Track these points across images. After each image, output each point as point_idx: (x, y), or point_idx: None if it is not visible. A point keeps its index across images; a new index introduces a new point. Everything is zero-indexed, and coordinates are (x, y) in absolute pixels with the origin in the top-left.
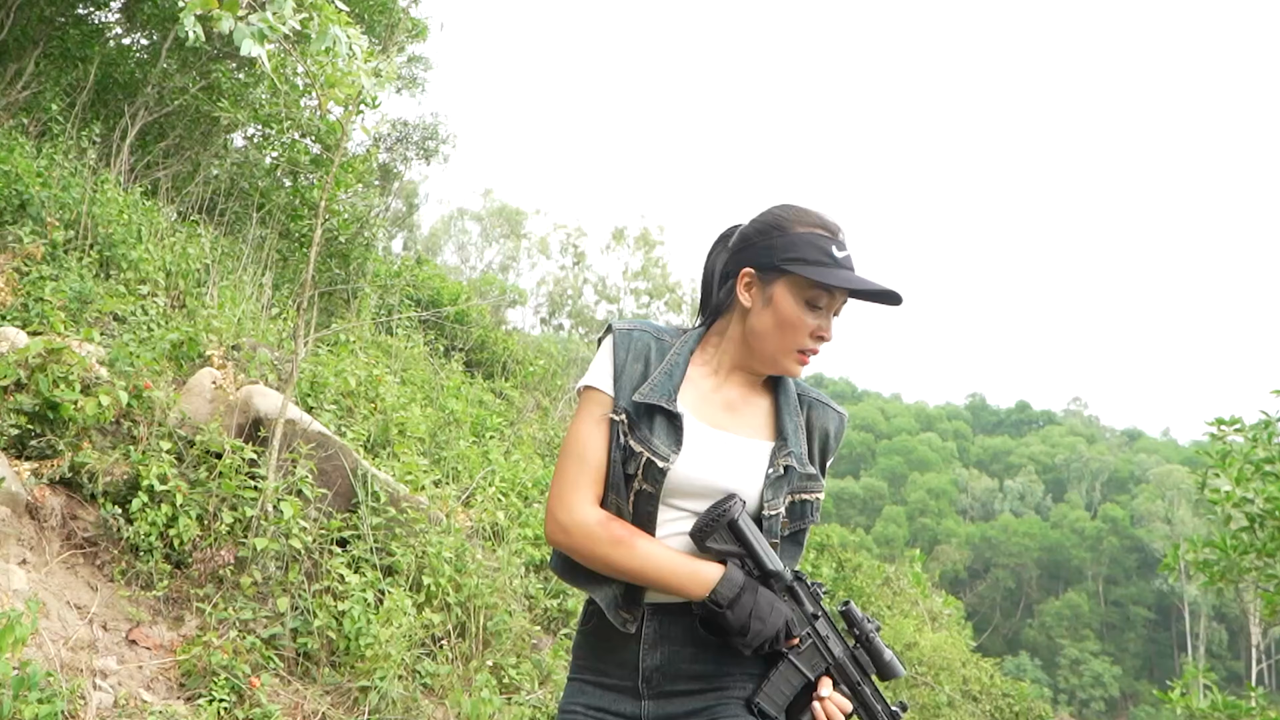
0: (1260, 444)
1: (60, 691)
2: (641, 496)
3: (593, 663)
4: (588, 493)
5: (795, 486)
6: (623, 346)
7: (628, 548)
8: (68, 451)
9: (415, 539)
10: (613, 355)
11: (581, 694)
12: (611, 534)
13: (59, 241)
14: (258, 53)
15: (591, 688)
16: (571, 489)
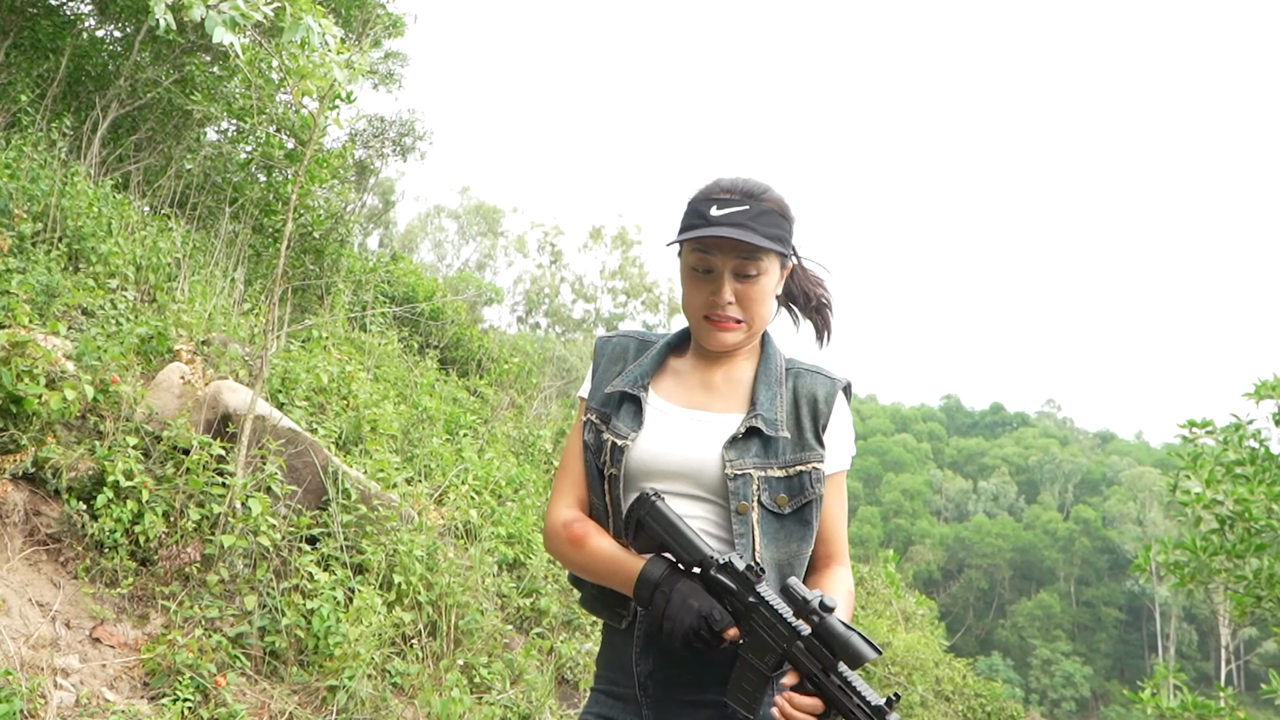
0: (1231, 446)
1: (19, 690)
2: (613, 483)
3: (604, 670)
4: (566, 497)
5: (787, 460)
6: (601, 353)
7: (579, 547)
8: (31, 446)
9: (386, 537)
10: (593, 363)
11: (596, 704)
12: (571, 534)
13: (26, 234)
14: (229, 40)
15: (604, 696)
16: (554, 495)
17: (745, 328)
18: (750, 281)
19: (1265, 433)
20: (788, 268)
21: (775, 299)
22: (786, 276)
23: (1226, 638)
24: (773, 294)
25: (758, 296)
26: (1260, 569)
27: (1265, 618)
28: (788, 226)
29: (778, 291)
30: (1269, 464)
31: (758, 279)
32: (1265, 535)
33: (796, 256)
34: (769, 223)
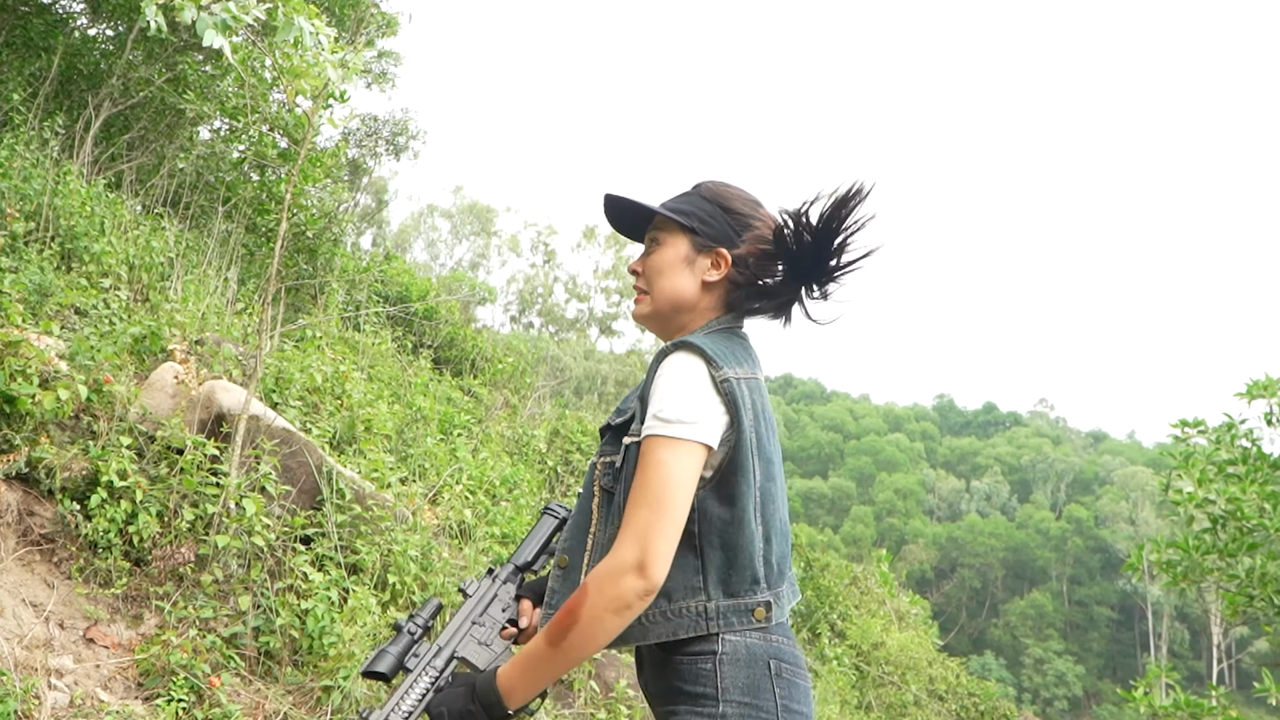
0: (1223, 446)
1: (13, 691)
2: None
3: None
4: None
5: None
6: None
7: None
8: (25, 446)
9: (380, 537)
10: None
11: None
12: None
13: (19, 233)
14: (220, 43)
15: None
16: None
17: (649, 301)
18: (652, 252)
19: (1257, 432)
20: (717, 254)
21: (689, 280)
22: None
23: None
24: (678, 269)
25: (656, 266)
26: (1252, 568)
27: (1257, 616)
28: (714, 212)
29: (709, 278)
30: (1261, 463)
31: (658, 249)
32: (1257, 534)
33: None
34: (684, 200)
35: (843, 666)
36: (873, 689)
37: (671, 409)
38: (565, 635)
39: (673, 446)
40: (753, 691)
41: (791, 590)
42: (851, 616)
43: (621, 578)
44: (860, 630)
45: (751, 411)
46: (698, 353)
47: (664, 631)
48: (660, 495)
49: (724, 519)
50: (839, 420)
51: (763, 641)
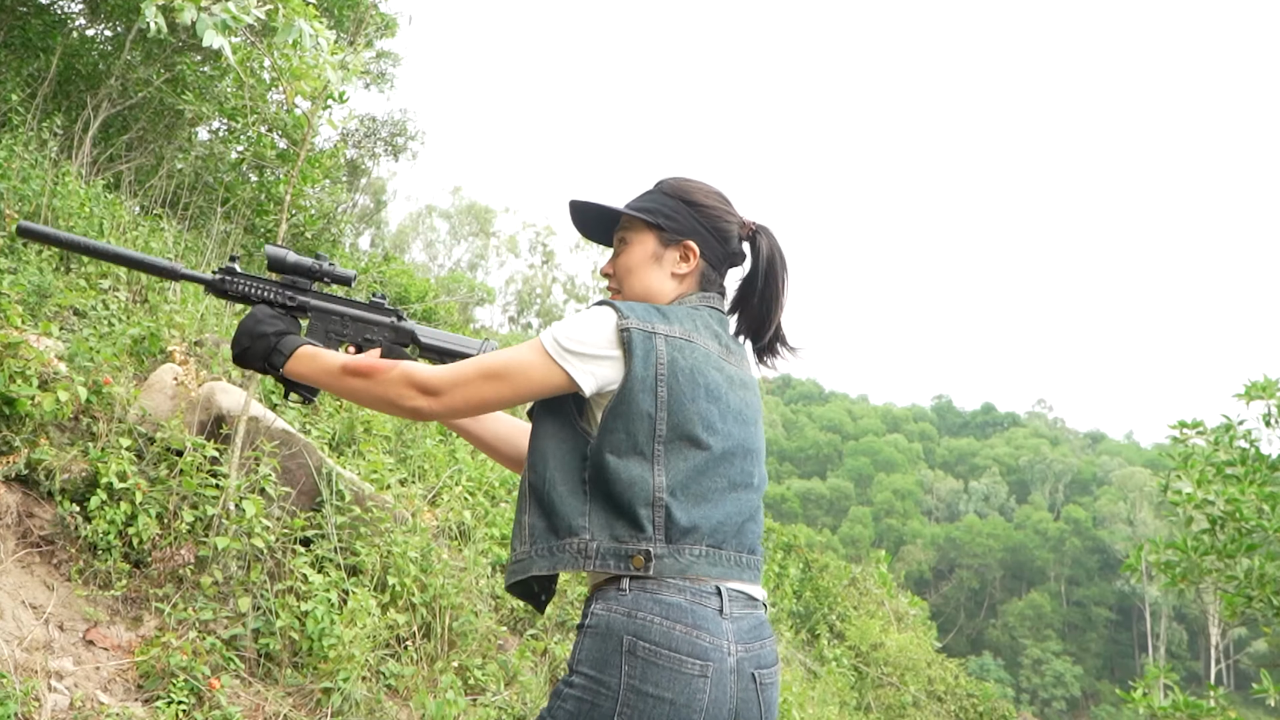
0: (1222, 447)
1: (14, 694)
2: None
3: None
4: None
5: None
6: None
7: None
8: (24, 448)
9: (380, 538)
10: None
11: None
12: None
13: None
14: (220, 44)
15: None
16: None
17: (621, 299)
18: (621, 252)
19: (1256, 433)
20: (684, 247)
21: (659, 275)
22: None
23: (1216, 637)
24: (648, 266)
25: (625, 264)
26: (1251, 569)
27: (1256, 617)
28: (677, 206)
29: (679, 270)
30: (1259, 464)
31: (625, 249)
32: (1256, 535)
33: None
34: (647, 199)
35: (841, 668)
36: (871, 690)
37: (562, 332)
38: (355, 378)
39: (539, 352)
40: (599, 665)
41: (730, 562)
42: (850, 617)
43: (420, 384)
44: (859, 631)
45: (666, 366)
46: (611, 305)
47: (546, 565)
48: (495, 367)
49: (610, 463)
50: (837, 421)
51: (626, 618)
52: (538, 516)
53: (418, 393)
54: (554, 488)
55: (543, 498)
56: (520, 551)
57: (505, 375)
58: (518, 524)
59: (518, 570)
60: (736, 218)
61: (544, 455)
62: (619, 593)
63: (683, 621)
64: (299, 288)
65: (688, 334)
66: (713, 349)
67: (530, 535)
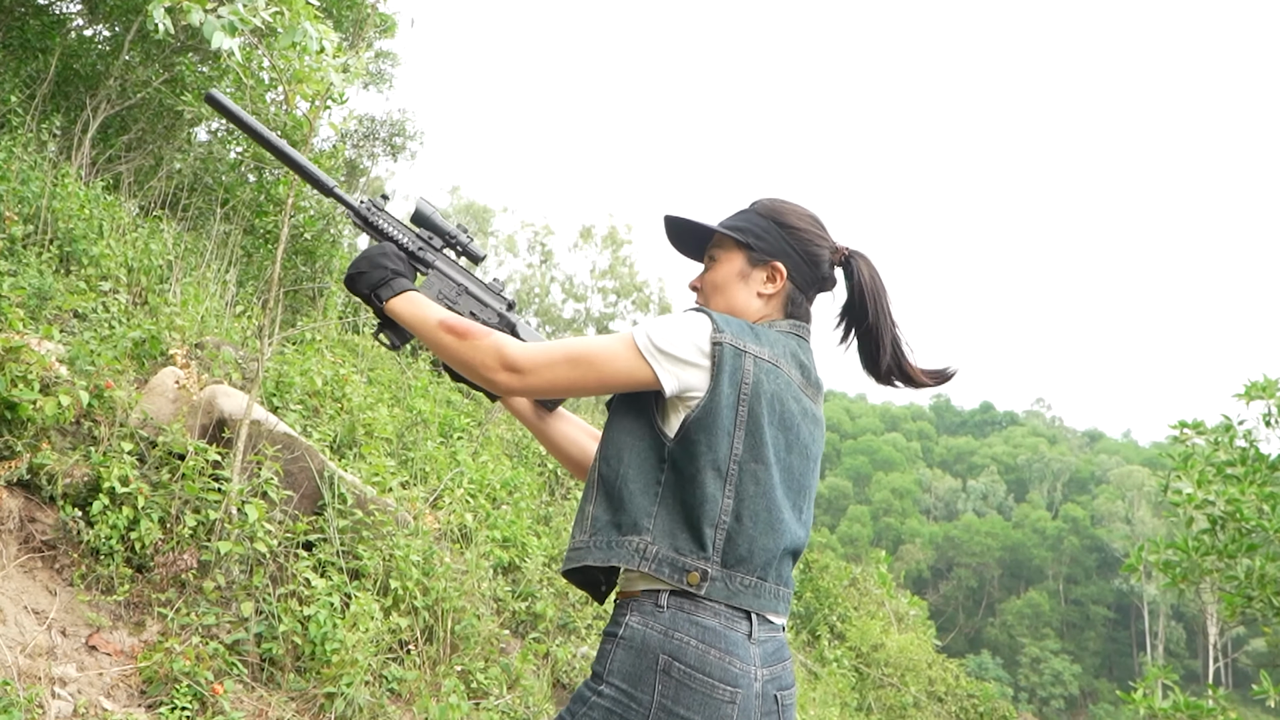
0: (1222, 447)
1: (18, 701)
2: None
3: None
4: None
5: None
6: None
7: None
8: (26, 453)
9: (382, 542)
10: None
11: None
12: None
13: (17, 236)
14: (228, 46)
15: None
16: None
17: None
18: (709, 269)
19: (1256, 433)
20: (771, 268)
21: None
22: (784, 280)
23: (1214, 635)
24: (734, 284)
25: (712, 281)
26: (1251, 569)
27: (1256, 617)
28: (768, 226)
29: (765, 290)
30: (1259, 464)
31: (714, 266)
32: (1256, 535)
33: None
34: (739, 218)
35: (842, 668)
36: (872, 691)
37: (656, 330)
38: (450, 334)
39: (628, 345)
40: (633, 680)
41: (770, 594)
42: (851, 618)
43: (506, 360)
44: (860, 632)
45: (750, 386)
46: (708, 315)
47: (602, 557)
48: (582, 354)
49: (684, 474)
50: (836, 419)
51: (663, 636)
52: (603, 509)
53: (502, 367)
54: (626, 483)
55: (612, 491)
56: (579, 540)
57: (591, 363)
58: (581, 513)
59: (573, 559)
60: (829, 242)
61: (619, 449)
62: (656, 608)
63: (717, 646)
64: (432, 246)
65: (775, 358)
66: (795, 378)
67: (592, 526)
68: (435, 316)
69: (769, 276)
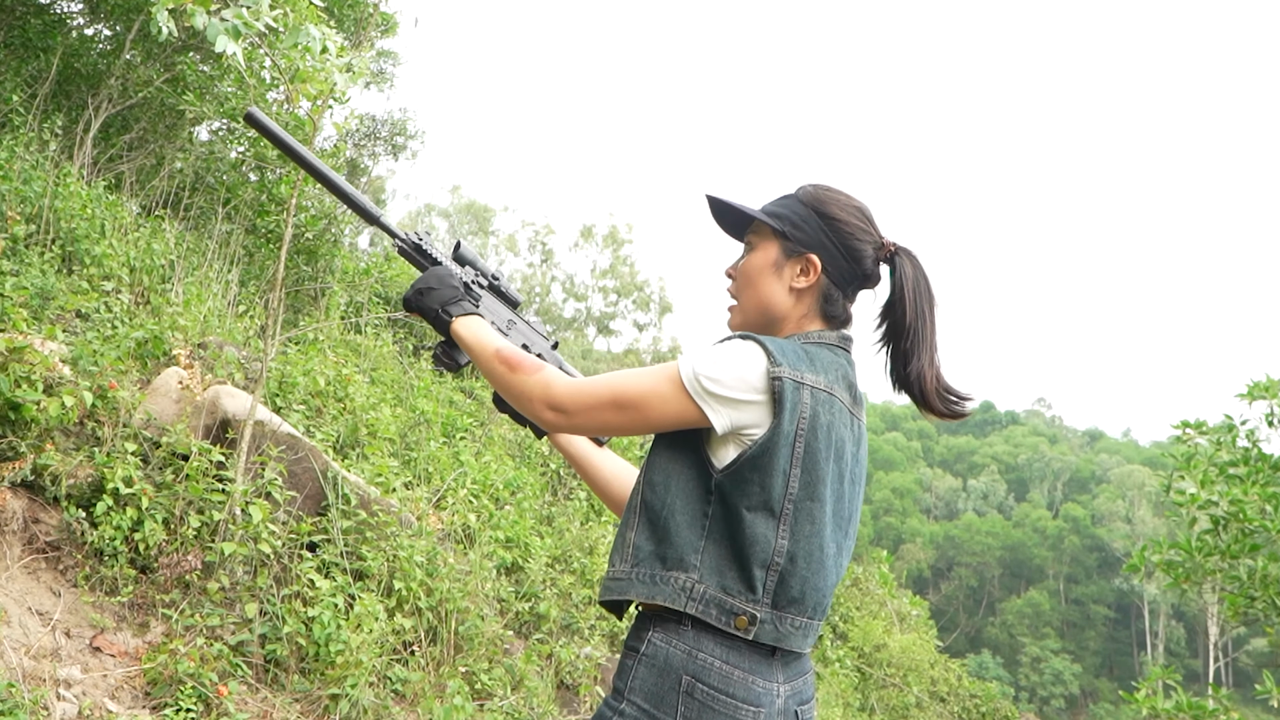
0: (1224, 447)
1: (22, 703)
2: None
3: None
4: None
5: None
6: None
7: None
8: (30, 453)
9: (386, 542)
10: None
11: None
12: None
13: (20, 236)
14: (232, 50)
15: None
16: None
17: (738, 310)
18: (746, 255)
19: (1258, 433)
20: (805, 260)
21: (778, 286)
22: (818, 274)
23: (1215, 635)
24: (766, 275)
25: (747, 271)
26: (1254, 569)
27: (1258, 618)
28: (807, 215)
29: (798, 284)
30: (1262, 464)
31: (750, 254)
32: (1259, 536)
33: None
34: (781, 204)
35: (845, 669)
36: (875, 691)
37: (706, 368)
38: (502, 364)
39: (675, 385)
40: (655, 701)
41: (815, 632)
42: (853, 618)
43: (552, 400)
44: (862, 632)
45: (808, 420)
46: (763, 346)
47: (645, 592)
48: (628, 396)
49: (733, 510)
50: None
51: (687, 656)
52: (646, 539)
53: (548, 406)
54: (673, 514)
55: (657, 520)
56: (620, 570)
57: (637, 406)
58: (621, 539)
59: (614, 589)
60: (873, 237)
61: (667, 476)
62: (681, 626)
63: (740, 666)
64: (478, 282)
65: (830, 385)
66: (845, 401)
67: (634, 555)
68: (494, 344)
69: (802, 269)
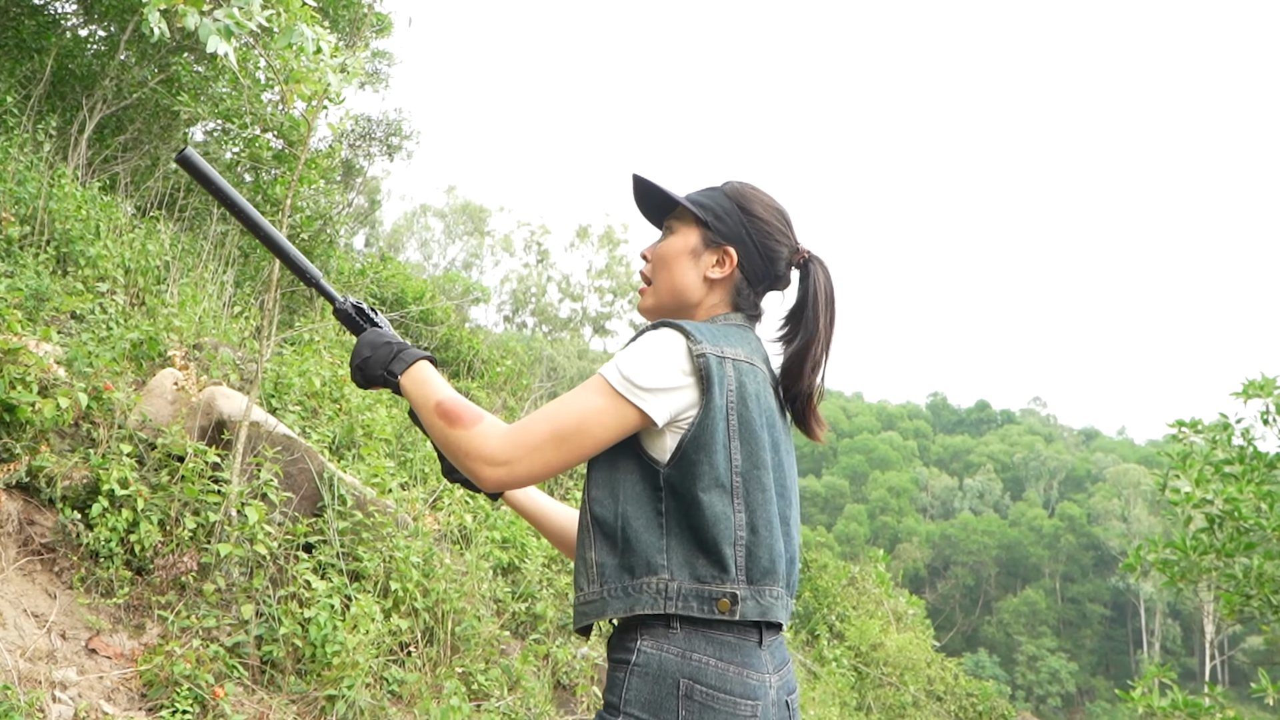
0: (1220, 445)
1: (18, 705)
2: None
3: None
4: None
5: None
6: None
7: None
8: (25, 455)
9: (382, 543)
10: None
11: None
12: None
13: (14, 237)
14: (224, 50)
15: None
16: None
17: (652, 292)
18: (663, 240)
19: (1253, 431)
20: (723, 251)
21: (693, 273)
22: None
23: (1211, 633)
24: (683, 261)
25: (663, 253)
26: (1250, 568)
27: (1254, 616)
28: (731, 209)
29: (712, 274)
30: (1257, 463)
31: (669, 237)
32: (1254, 534)
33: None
34: (706, 194)
35: (841, 668)
36: (871, 690)
37: (631, 366)
38: (440, 418)
39: (607, 394)
40: (653, 709)
41: (784, 603)
42: (850, 617)
43: (487, 455)
44: (858, 631)
45: (735, 392)
46: (678, 329)
47: (622, 607)
48: (566, 426)
49: (686, 498)
50: (832, 418)
51: (680, 659)
52: (608, 554)
53: (485, 461)
54: (628, 522)
55: (613, 533)
56: (590, 592)
57: (579, 432)
58: (582, 561)
59: (590, 612)
60: (790, 241)
61: (611, 486)
62: (670, 630)
63: (734, 661)
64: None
65: (749, 357)
66: (765, 372)
67: (600, 574)
68: (435, 395)
69: (719, 260)
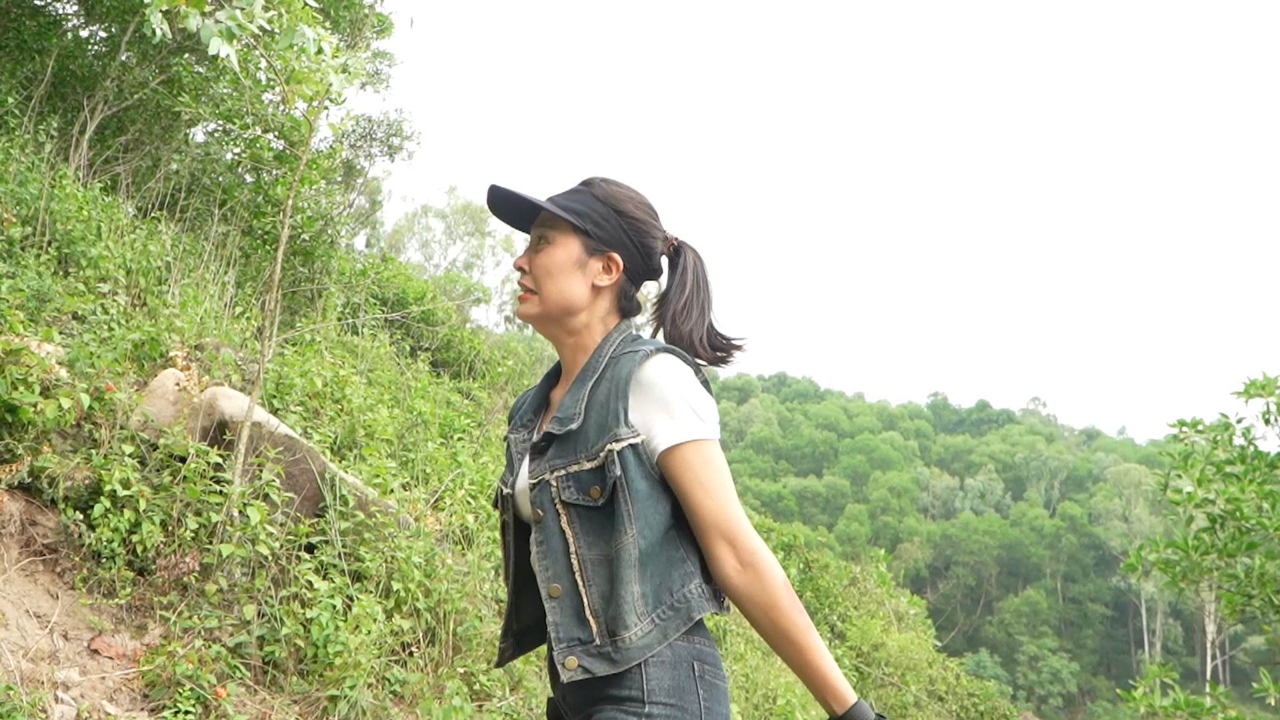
0: (1221, 445)
1: (21, 705)
2: (504, 530)
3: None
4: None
5: (593, 450)
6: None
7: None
8: (27, 455)
9: (384, 543)
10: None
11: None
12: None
13: (16, 238)
14: (226, 52)
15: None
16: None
17: (537, 301)
18: (541, 250)
19: (1255, 431)
20: (608, 258)
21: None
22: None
23: (1212, 633)
24: (569, 272)
25: (545, 266)
26: (1251, 568)
27: (1255, 616)
28: (607, 214)
29: (600, 282)
30: (1259, 462)
31: (548, 249)
32: (1256, 534)
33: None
34: (576, 199)
35: (843, 668)
36: (873, 690)
37: (703, 409)
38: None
39: (716, 446)
40: (678, 694)
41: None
42: (851, 617)
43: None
44: (860, 631)
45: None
46: (678, 354)
47: (679, 622)
48: (733, 494)
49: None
50: (833, 419)
51: (687, 644)
52: (646, 583)
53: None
54: (660, 547)
55: (645, 566)
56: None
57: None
58: (626, 597)
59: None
60: (662, 232)
61: (649, 521)
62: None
63: (709, 642)
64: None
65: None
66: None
67: (645, 604)
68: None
69: (605, 267)
